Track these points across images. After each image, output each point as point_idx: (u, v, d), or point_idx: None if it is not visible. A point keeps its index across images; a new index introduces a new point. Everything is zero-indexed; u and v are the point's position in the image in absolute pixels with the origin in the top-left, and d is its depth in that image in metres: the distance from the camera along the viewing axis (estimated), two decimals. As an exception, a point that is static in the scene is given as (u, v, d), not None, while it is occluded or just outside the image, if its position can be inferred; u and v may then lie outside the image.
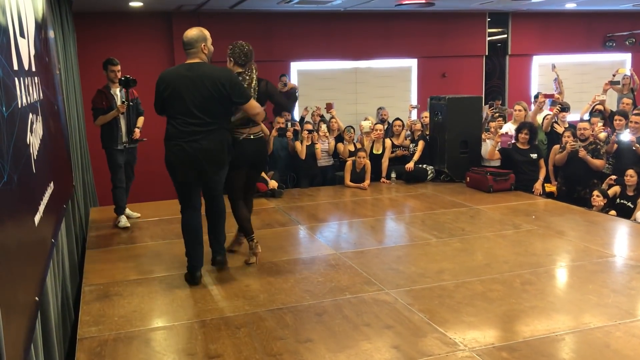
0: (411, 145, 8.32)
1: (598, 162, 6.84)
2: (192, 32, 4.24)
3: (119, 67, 6.07)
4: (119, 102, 6.01)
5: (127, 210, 6.37)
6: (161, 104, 4.25)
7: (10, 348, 2.00)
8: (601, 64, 12.09)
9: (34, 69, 3.40)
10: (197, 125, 4.13)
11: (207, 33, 4.31)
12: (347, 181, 7.79)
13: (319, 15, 10.16)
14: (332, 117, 8.46)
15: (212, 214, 4.57)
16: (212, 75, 4.16)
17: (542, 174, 7.39)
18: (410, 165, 7.99)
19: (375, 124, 8.39)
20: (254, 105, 4.38)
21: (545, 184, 7.52)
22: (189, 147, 4.14)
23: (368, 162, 7.80)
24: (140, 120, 6.22)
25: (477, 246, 5.17)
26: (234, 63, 4.63)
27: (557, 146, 7.37)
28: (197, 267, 4.40)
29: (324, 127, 8.00)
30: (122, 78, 5.94)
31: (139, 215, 6.46)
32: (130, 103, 6.02)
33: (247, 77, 4.58)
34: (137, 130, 6.11)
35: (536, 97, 10.18)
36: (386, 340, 3.40)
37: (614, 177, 6.64)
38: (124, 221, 6.13)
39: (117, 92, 6.06)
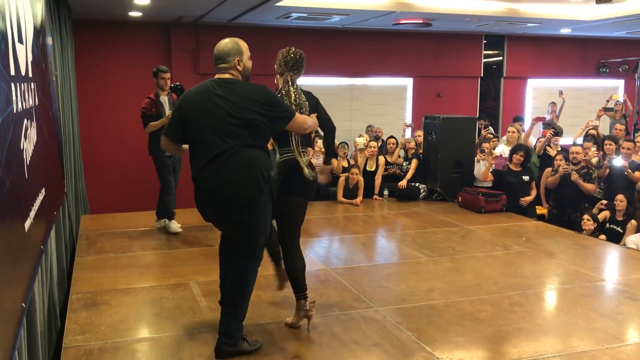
0: (404, 164, 8.36)
1: (589, 186, 6.90)
2: (225, 43, 3.37)
3: (169, 75, 6.08)
4: (167, 109, 6.00)
5: (173, 222, 6.19)
6: (180, 129, 3.36)
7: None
8: (594, 89, 12.22)
9: (30, 74, 3.39)
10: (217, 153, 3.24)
11: (243, 46, 3.41)
12: (340, 197, 7.80)
13: (316, 32, 10.22)
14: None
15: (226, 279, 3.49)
16: (248, 94, 3.26)
17: (533, 195, 7.44)
18: (403, 183, 8.01)
19: (370, 141, 8.42)
20: (300, 121, 3.45)
21: (536, 207, 7.56)
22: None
23: (361, 178, 7.82)
24: None
25: (467, 266, 5.17)
26: (277, 73, 3.84)
27: (549, 169, 7.43)
28: None
29: (319, 142, 8.02)
30: (172, 85, 5.95)
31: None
32: None
33: (284, 91, 3.69)
34: None
35: (516, 119, 10.28)
36: (374, 358, 3.39)
37: (604, 201, 6.69)
38: (174, 226, 6.11)
39: (166, 100, 6.06)
